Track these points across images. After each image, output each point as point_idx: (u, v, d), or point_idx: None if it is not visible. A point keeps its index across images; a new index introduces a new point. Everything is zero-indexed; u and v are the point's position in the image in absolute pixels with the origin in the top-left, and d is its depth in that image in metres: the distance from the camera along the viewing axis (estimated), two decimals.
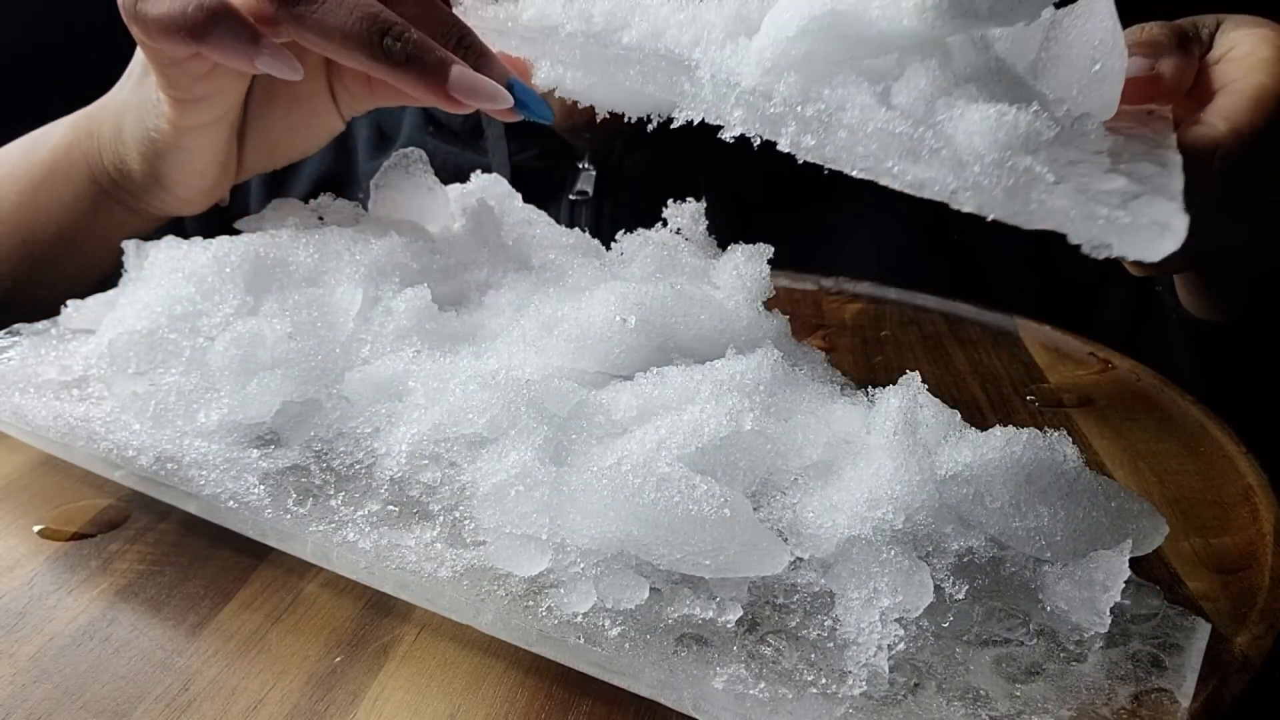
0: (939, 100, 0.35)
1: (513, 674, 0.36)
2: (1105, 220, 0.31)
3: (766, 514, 0.38)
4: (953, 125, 0.34)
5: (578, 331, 0.44)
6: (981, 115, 0.34)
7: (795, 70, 0.38)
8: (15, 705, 0.34)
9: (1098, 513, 0.38)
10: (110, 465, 0.43)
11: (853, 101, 0.36)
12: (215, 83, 0.49)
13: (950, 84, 0.36)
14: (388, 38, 0.44)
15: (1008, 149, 0.33)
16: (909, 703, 0.32)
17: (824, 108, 0.37)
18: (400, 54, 0.44)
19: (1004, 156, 0.33)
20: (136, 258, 0.50)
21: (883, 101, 0.36)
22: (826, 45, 0.38)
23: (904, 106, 0.36)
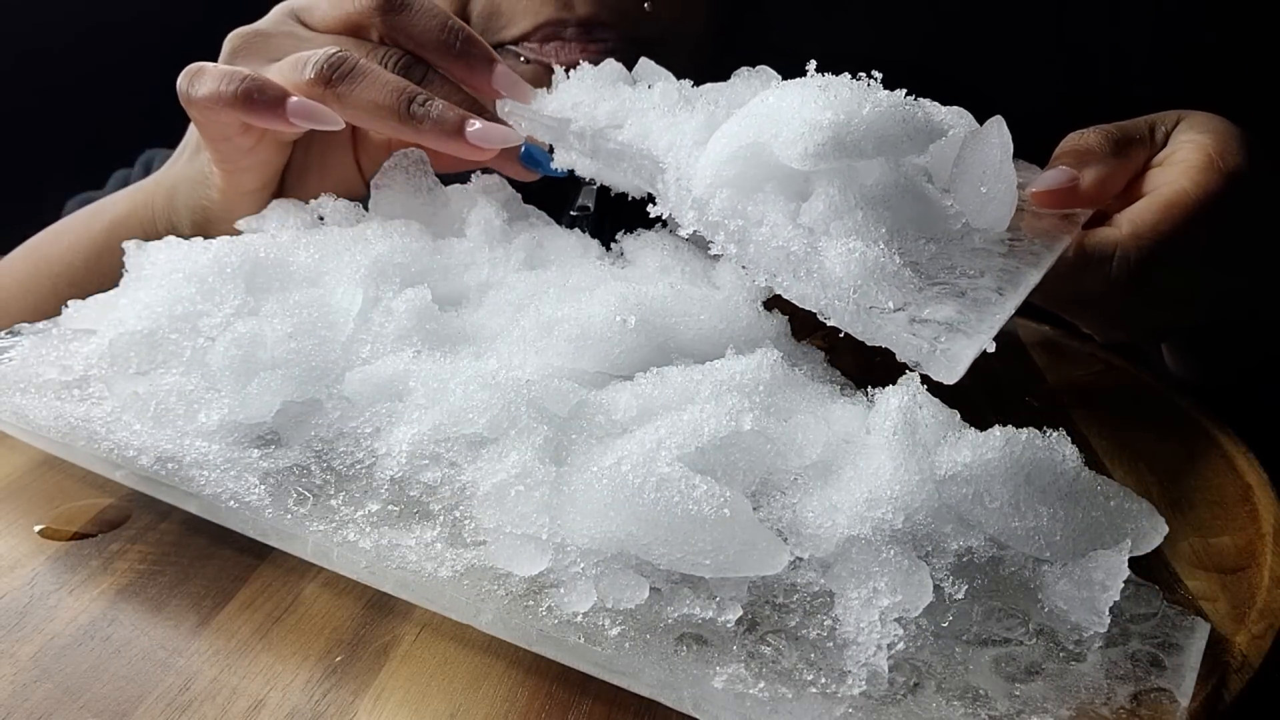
0: (833, 223, 0.41)
1: (513, 674, 0.36)
2: (914, 349, 0.38)
3: (766, 514, 0.38)
4: (824, 253, 0.41)
5: (578, 331, 0.44)
6: (842, 248, 0.40)
7: (728, 187, 0.44)
8: (16, 705, 0.34)
9: (1097, 513, 0.38)
10: (111, 465, 0.43)
11: (768, 219, 0.42)
12: (259, 155, 0.57)
13: (847, 207, 0.41)
14: (414, 104, 0.52)
15: (858, 278, 0.40)
16: (908, 702, 0.33)
17: (742, 224, 0.43)
18: (424, 116, 0.52)
19: (855, 285, 0.40)
20: (137, 258, 0.50)
21: (791, 219, 0.42)
22: (752, 168, 0.43)
23: (808, 225, 0.42)
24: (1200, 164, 0.49)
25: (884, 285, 0.39)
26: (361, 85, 0.52)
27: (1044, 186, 0.49)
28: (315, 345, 0.44)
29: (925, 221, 0.43)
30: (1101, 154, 0.50)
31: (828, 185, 0.42)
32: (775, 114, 0.43)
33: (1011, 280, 0.41)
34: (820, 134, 0.41)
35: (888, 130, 0.42)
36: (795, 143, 0.41)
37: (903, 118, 0.42)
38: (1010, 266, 0.42)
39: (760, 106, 0.44)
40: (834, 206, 0.41)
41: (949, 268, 0.41)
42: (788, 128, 0.42)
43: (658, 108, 0.50)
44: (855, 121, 0.41)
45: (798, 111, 0.42)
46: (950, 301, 0.39)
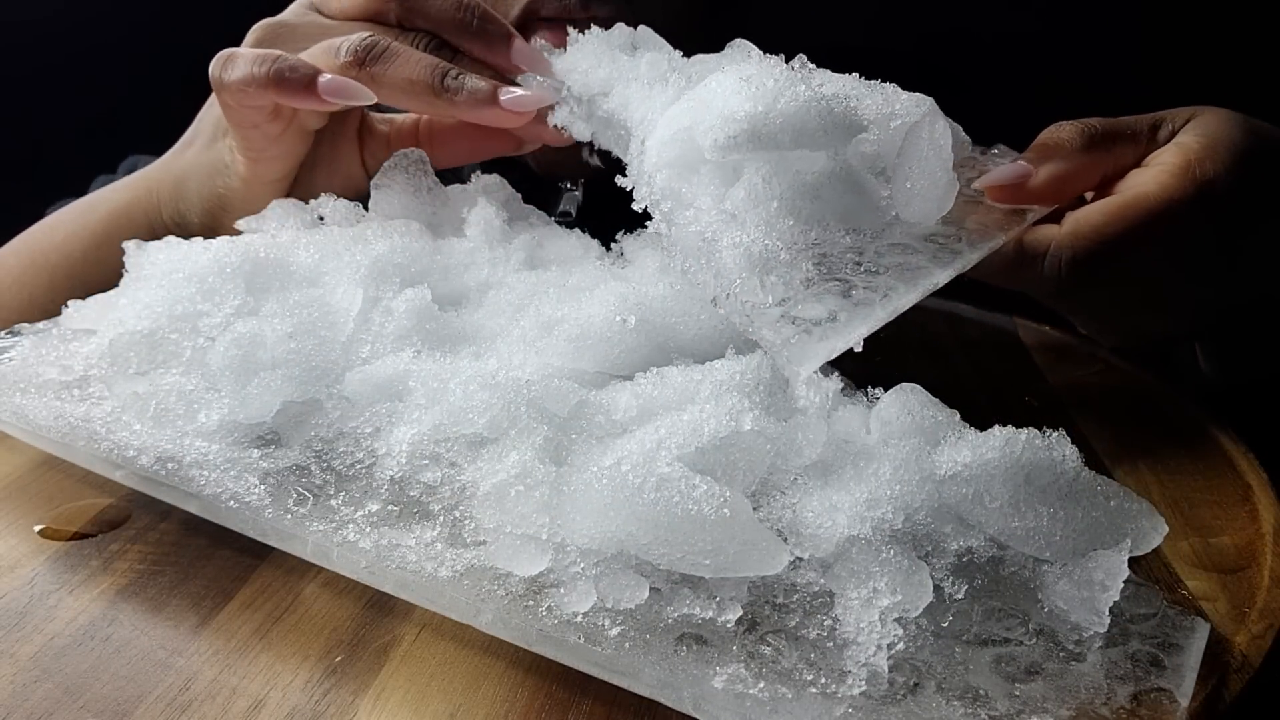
0: (750, 211, 0.41)
1: (513, 674, 0.36)
2: (771, 344, 0.38)
3: (766, 514, 0.38)
4: (719, 243, 0.41)
5: (578, 331, 0.44)
6: (731, 240, 0.40)
7: (668, 167, 0.44)
8: (16, 705, 0.34)
9: (1097, 512, 0.38)
10: (111, 465, 0.43)
11: (697, 202, 0.43)
12: (285, 144, 0.57)
13: (767, 196, 0.41)
14: (448, 78, 0.53)
15: (744, 271, 0.40)
16: (908, 702, 0.33)
17: (671, 205, 0.44)
18: (458, 89, 0.53)
19: (740, 277, 0.40)
20: (137, 258, 0.51)
21: (717, 205, 0.42)
22: (688, 152, 0.44)
23: (728, 211, 0.42)
24: (1174, 168, 0.48)
25: (768, 279, 0.39)
26: (395, 64, 0.53)
27: (991, 180, 0.48)
28: (315, 345, 0.44)
29: (853, 213, 0.43)
30: (1069, 150, 0.49)
31: (754, 173, 0.42)
32: (706, 101, 0.43)
33: (910, 280, 0.40)
34: (734, 126, 0.41)
35: (806, 123, 0.41)
36: (710, 132, 0.42)
37: (822, 111, 0.42)
38: (918, 265, 0.41)
39: (700, 90, 0.44)
40: (754, 194, 0.41)
41: (854, 263, 0.41)
42: (708, 116, 0.42)
43: (641, 79, 0.50)
44: (772, 115, 0.41)
45: (721, 101, 0.42)
46: (831, 300, 0.39)
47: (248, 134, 0.56)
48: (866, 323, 0.38)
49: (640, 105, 0.49)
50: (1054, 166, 0.48)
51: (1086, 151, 0.49)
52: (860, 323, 0.38)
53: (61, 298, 0.63)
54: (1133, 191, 0.48)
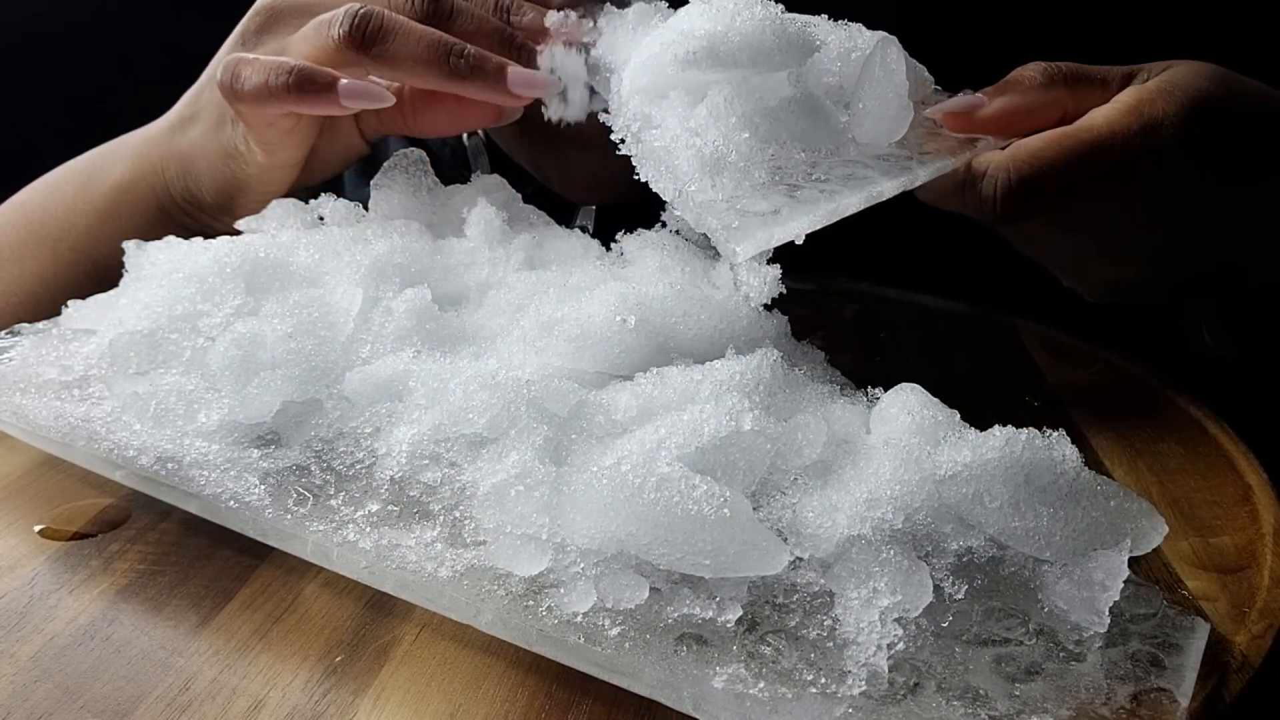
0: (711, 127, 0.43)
1: (513, 674, 0.36)
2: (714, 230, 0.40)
3: (766, 514, 0.38)
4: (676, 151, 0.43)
5: (578, 331, 0.44)
6: (687, 143, 0.43)
7: (640, 94, 0.46)
8: (16, 705, 0.34)
9: (1097, 512, 0.38)
10: (111, 465, 0.43)
11: (666, 123, 0.45)
12: (301, 132, 0.57)
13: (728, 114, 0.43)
14: (452, 57, 0.52)
15: (697, 171, 0.42)
16: (908, 702, 0.33)
17: (639, 127, 0.46)
18: (465, 68, 0.52)
19: (694, 177, 0.42)
20: (137, 258, 0.51)
21: (683, 124, 0.44)
22: (660, 77, 0.45)
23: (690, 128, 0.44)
24: (1125, 106, 0.48)
25: (719, 179, 0.41)
26: (395, 42, 0.51)
27: (943, 108, 0.49)
28: (315, 345, 0.44)
29: (810, 135, 0.45)
30: (1029, 85, 0.50)
31: (716, 94, 0.43)
32: (673, 25, 0.45)
33: (856, 187, 0.43)
34: (693, 42, 0.43)
35: (762, 41, 0.43)
36: (670, 48, 0.44)
37: (776, 30, 0.44)
38: (867, 176, 0.43)
39: (671, 19, 0.47)
40: (715, 112, 0.43)
41: (807, 173, 0.43)
42: (672, 35, 0.44)
43: (628, 25, 0.52)
44: (730, 33, 0.43)
45: (684, 21, 0.45)
46: (778, 198, 0.41)
47: (265, 132, 0.55)
48: (808, 216, 0.40)
49: (625, 48, 0.51)
50: (1007, 99, 0.49)
51: (1046, 88, 0.50)
52: (802, 215, 0.40)
53: (65, 273, 0.63)
54: (1079, 124, 0.48)
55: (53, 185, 0.67)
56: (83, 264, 0.63)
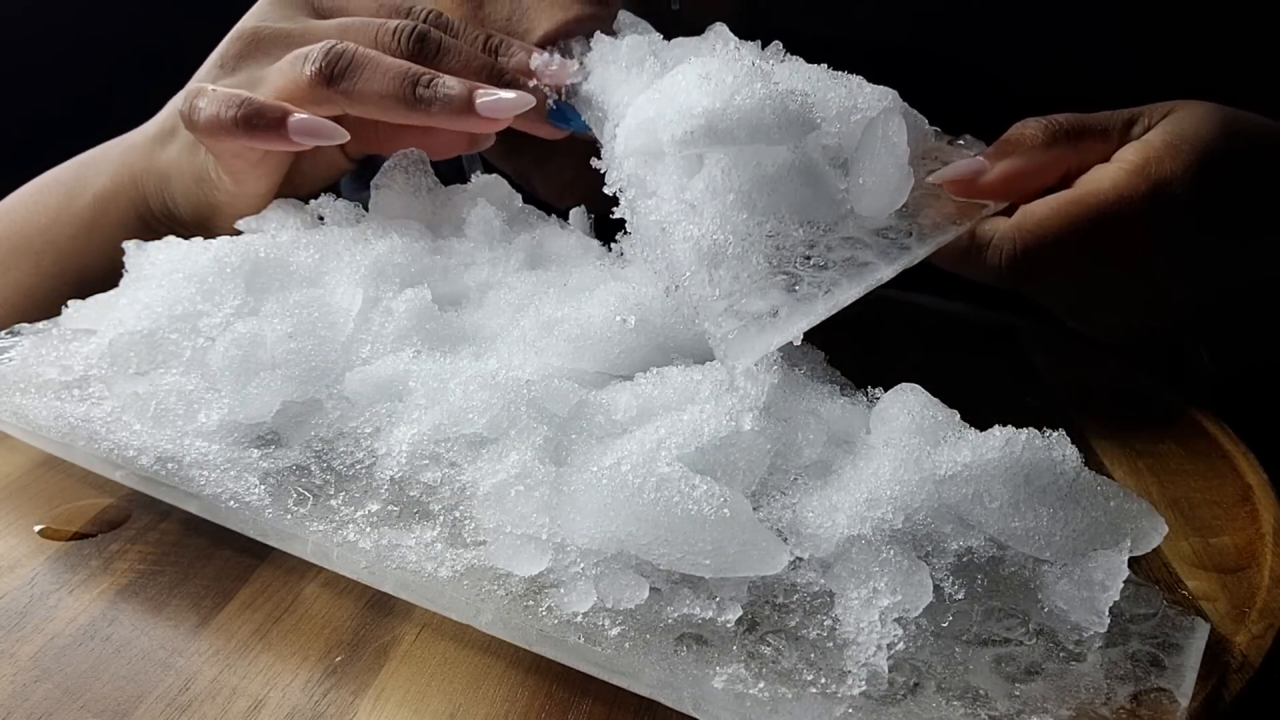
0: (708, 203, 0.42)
1: (513, 674, 0.36)
2: (714, 336, 0.39)
3: (766, 514, 0.38)
4: (673, 236, 0.42)
5: (578, 331, 0.44)
6: (683, 233, 0.41)
7: (634, 156, 0.45)
8: (16, 705, 0.34)
9: (1097, 513, 0.38)
10: (111, 465, 0.43)
11: (660, 192, 0.43)
12: (270, 164, 0.56)
13: (725, 188, 0.42)
14: (418, 88, 0.50)
15: (694, 264, 0.41)
16: (908, 702, 0.33)
17: (634, 193, 0.44)
18: (430, 98, 0.50)
19: (691, 270, 0.41)
20: (137, 258, 0.51)
21: (678, 194, 0.43)
22: (653, 141, 0.44)
23: (687, 201, 0.42)
24: (1131, 166, 0.48)
25: (716, 273, 0.40)
26: (363, 78, 0.50)
27: (945, 176, 0.48)
28: (315, 345, 0.44)
29: (809, 205, 0.43)
30: (1029, 146, 0.49)
31: (713, 165, 0.42)
32: (669, 93, 0.44)
33: (854, 276, 0.42)
34: (691, 121, 0.42)
35: (761, 119, 0.42)
36: (669, 127, 0.42)
37: (777, 107, 0.42)
38: (866, 260, 0.42)
39: (665, 81, 0.45)
40: (713, 186, 0.42)
41: (803, 257, 0.42)
42: (669, 111, 0.43)
43: (620, 61, 0.51)
44: (729, 110, 0.42)
45: (682, 95, 0.43)
46: (776, 294, 0.40)
47: (229, 163, 0.55)
48: (806, 318, 0.39)
49: (617, 89, 0.50)
50: (1010, 163, 0.48)
51: (1048, 148, 0.49)
52: (800, 318, 0.39)
53: (48, 284, 0.63)
54: (1084, 188, 0.48)
55: (36, 195, 0.66)
56: (66, 276, 0.63)
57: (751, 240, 0.41)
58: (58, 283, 0.63)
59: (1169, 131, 0.49)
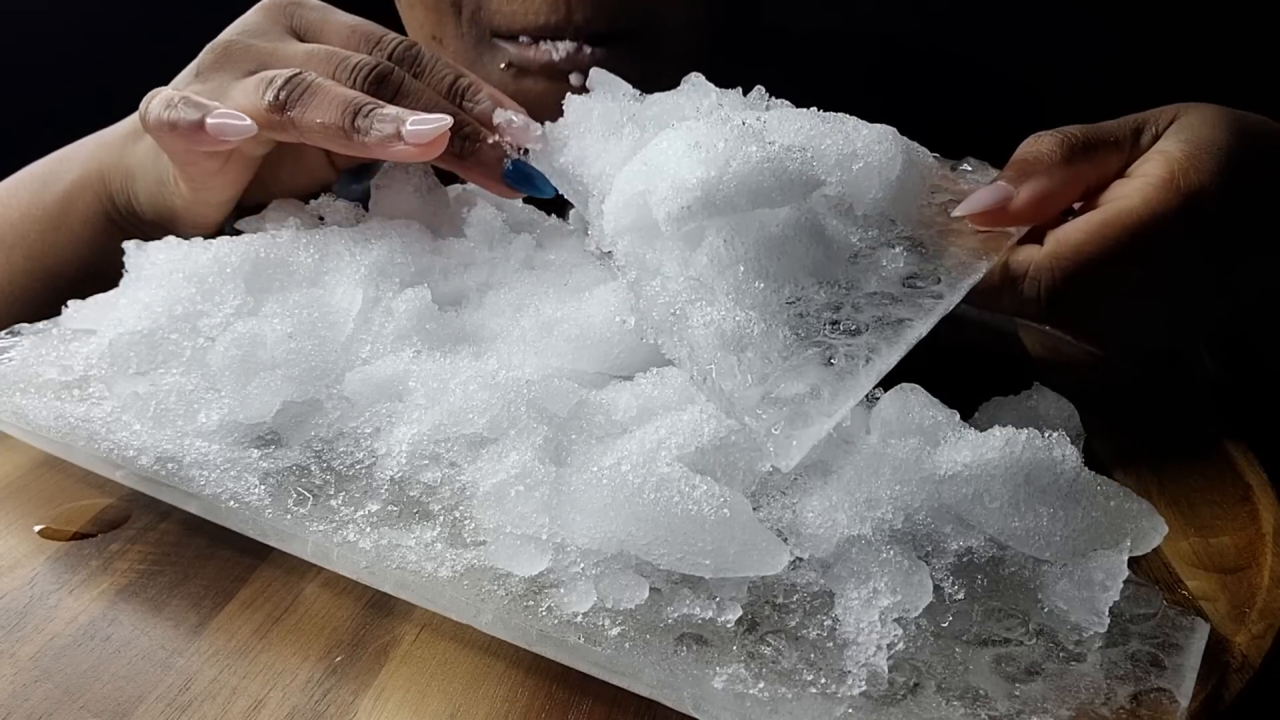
0: (717, 279, 0.39)
1: (513, 674, 0.36)
2: (758, 434, 0.35)
3: (766, 514, 0.38)
4: (690, 319, 0.38)
5: (578, 331, 0.44)
6: (702, 317, 0.38)
7: (629, 234, 0.42)
8: (16, 705, 0.34)
9: (1097, 512, 0.38)
10: (111, 465, 0.43)
11: (663, 270, 0.41)
12: (228, 174, 0.55)
13: (731, 260, 0.39)
14: (358, 118, 0.50)
15: (717, 350, 0.37)
16: (908, 703, 0.33)
17: (637, 274, 0.42)
18: (367, 129, 0.50)
19: (715, 357, 0.37)
20: (137, 258, 0.51)
21: (684, 272, 0.40)
22: (644, 216, 0.42)
23: (694, 279, 0.40)
24: (1159, 180, 0.46)
25: (744, 356, 0.37)
26: (311, 107, 0.50)
27: (972, 208, 0.46)
28: (315, 345, 0.44)
29: (821, 266, 0.41)
30: (1049, 164, 0.47)
31: (714, 236, 0.40)
32: (657, 164, 0.41)
33: (891, 338, 0.39)
34: (686, 195, 0.39)
35: (760, 184, 0.39)
36: (663, 203, 0.40)
37: (775, 171, 0.40)
38: (899, 316, 0.40)
39: (650, 152, 0.42)
40: (718, 259, 0.39)
41: (831, 322, 0.39)
42: (661, 184, 0.40)
43: (594, 130, 0.48)
44: (725, 179, 0.39)
45: (672, 167, 0.40)
46: (812, 372, 0.37)
47: (188, 170, 0.55)
48: (851, 395, 0.36)
49: (596, 160, 0.47)
50: (1035, 185, 0.47)
51: (1068, 165, 0.47)
52: (845, 396, 0.36)
53: (19, 279, 0.63)
54: (1115, 206, 0.46)
55: (11, 189, 0.66)
56: (35, 272, 0.63)
57: (773, 312, 0.38)
58: (28, 278, 0.63)
59: (1186, 140, 0.47)
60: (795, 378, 0.36)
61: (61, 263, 0.63)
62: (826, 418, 0.35)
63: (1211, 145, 0.47)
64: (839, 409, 0.36)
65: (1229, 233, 0.47)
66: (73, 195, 0.62)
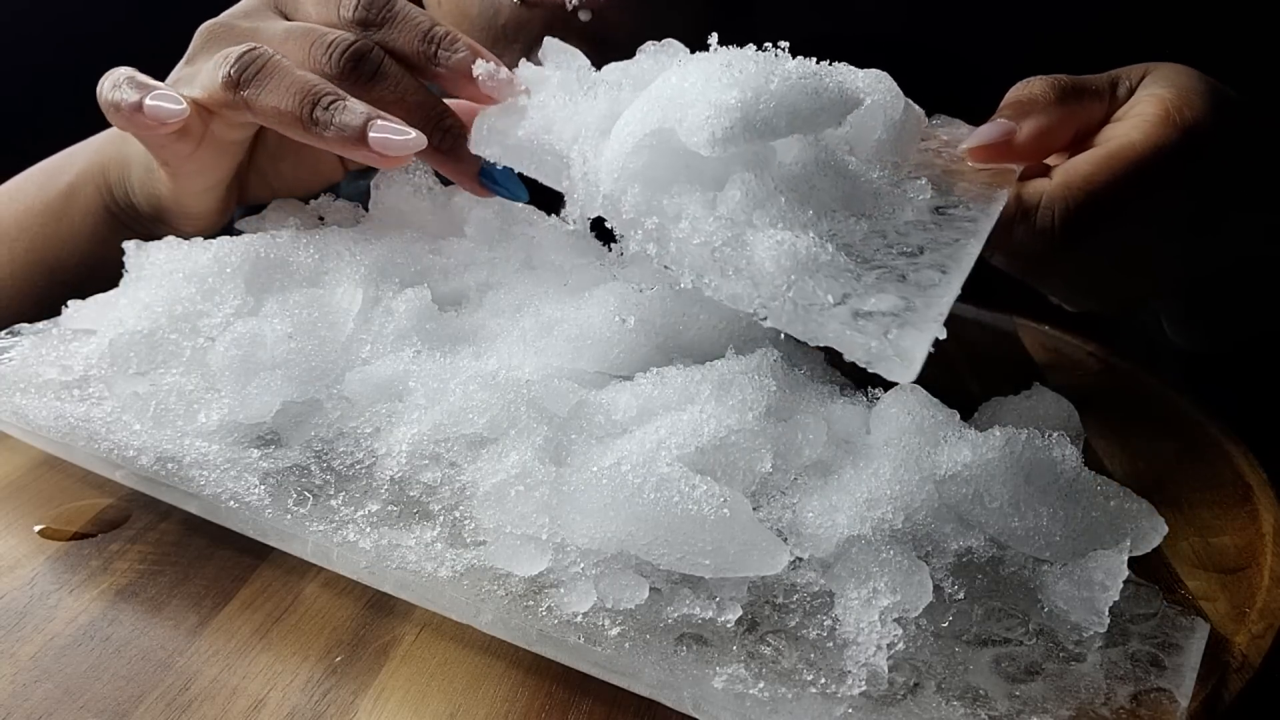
0: (755, 212, 0.38)
1: (513, 674, 0.36)
2: (862, 348, 0.34)
3: (766, 514, 0.38)
4: (752, 247, 0.37)
5: (577, 331, 0.44)
6: (770, 240, 0.37)
7: (638, 181, 0.40)
8: (16, 705, 0.34)
9: (1097, 513, 0.38)
10: (111, 465, 0.43)
11: (686, 212, 0.39)
12: (203, 160, 0.53)
13: (767, 193, 0.38)
14: (317, 109, 0.47)
15: (791, 273, 0.36)
16: (908, 703, 0.33)
17: (658, 222, 0.39)
18: (327, 122, 0.47)
19: (788, 280, 0.36)
20: (137, 258, 0.51)
21: (711, 211, 0.38)
22: (661, 157, 0.40)
23: (726, 217, 0.38)
24: (1155, 117, 0.47)
25: (820, 278, 0.36)
26: (266, 89, 0.48)
27: (978, 141, 0.47)
28: (315, 345, 0.44)
29: (852, 199, 0.40)
30: (1044, 104, 0.48)
31: (743, 170, 0.39)
32: (678, 96, 0.39)
33: (953, 255, 0.38)
34: (728, 116, 0.37)
35: (799, 104, 0.39)
36: (702, 128, 0.38)
37: (814, 89, 0.39)
38: (948, 239, 0.40)
39: (663, 88, 0.40)
40: (752, 194, 0.38)
41: (885, 247, 0.39)
42: (693, 111, 0.38)
43: (557, 97, 0.46)
44: (764, 98, 0.38)
45: (701, 92, 0.38)
46: (891, 288, 0.36)
47: (157, 152, 0.53)
48: (944, 301, 0.36)
49: (567, 123, 0.44)
50: (1035, 121, 0.48)
51: (1061, 104, 0.49)
52: (939, 303, 0.35)
53: (21, 271, 0.63)
54: (1118, 141, 0.47)
55: (18, 185, 0.66)
56: (37, 265, 0.63)
57: (829, 237, 0.37)
58: (31, 273, 0.63)
59: (1171, 84, 0.49)
60: (878, 295, 0.36)
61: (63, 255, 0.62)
62: (933, 322, 0.35)
63: (1196, 89, 0.48)
64: (939, 312, 0.35)
65: (1223, 170, 0.48)
66: (76, 187, 0.62)
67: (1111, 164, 0.46)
